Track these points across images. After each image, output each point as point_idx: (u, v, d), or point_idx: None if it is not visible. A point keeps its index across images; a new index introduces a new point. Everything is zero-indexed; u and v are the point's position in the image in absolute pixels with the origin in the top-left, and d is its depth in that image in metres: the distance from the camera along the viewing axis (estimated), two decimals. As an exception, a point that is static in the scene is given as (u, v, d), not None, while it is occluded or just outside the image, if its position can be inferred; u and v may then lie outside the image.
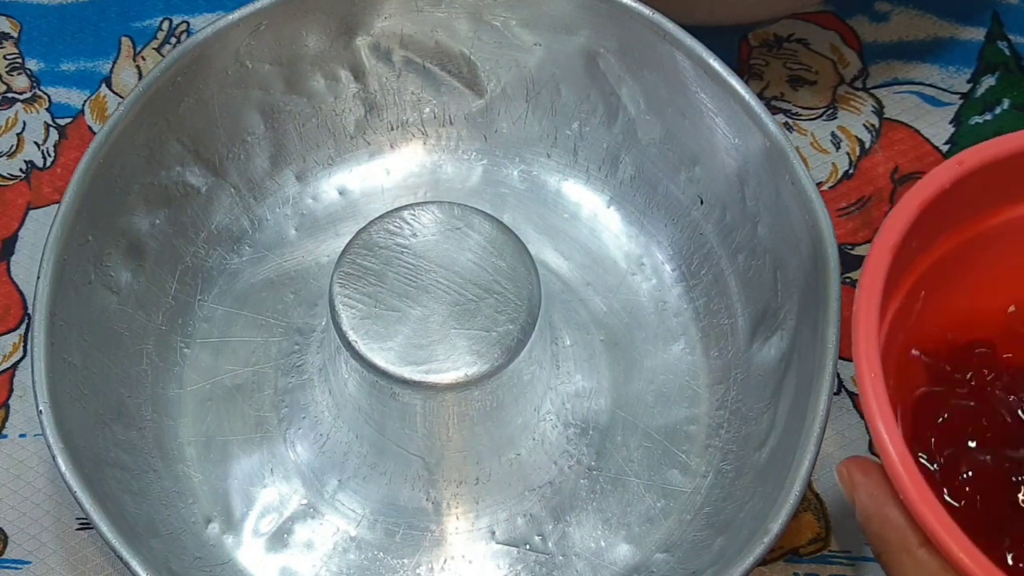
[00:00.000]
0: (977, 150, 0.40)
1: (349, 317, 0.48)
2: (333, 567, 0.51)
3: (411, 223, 0.50)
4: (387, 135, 0.60)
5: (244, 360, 0.55)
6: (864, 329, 0.38)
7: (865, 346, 0.38)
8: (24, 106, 0.63)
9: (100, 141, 0.51)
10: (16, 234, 0.60)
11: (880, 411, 0.37)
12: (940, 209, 0.39)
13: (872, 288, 0.38)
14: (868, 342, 0.38)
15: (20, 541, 0.53)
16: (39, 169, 0.61)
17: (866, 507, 0.39)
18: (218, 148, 0.56)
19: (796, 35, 0.65)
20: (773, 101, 0.63)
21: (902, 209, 0.39)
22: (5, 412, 0.56)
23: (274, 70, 0.56)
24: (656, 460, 0.53)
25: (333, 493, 0.52)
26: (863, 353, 0.38)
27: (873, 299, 0.38)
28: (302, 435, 0.53)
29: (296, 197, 0.59)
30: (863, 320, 0.38)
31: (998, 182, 0.41)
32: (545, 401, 0.52)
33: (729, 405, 0.54)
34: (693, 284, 0.57)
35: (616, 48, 0.55)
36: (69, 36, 0.65)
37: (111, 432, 0.50)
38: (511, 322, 0.48)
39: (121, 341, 0.52)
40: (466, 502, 0.52)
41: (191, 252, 0.56)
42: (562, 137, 0.59)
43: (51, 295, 0.49)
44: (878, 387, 0.37)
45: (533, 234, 0.58)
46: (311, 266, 0.57)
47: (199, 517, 0.52)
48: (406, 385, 0.47)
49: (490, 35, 0.57)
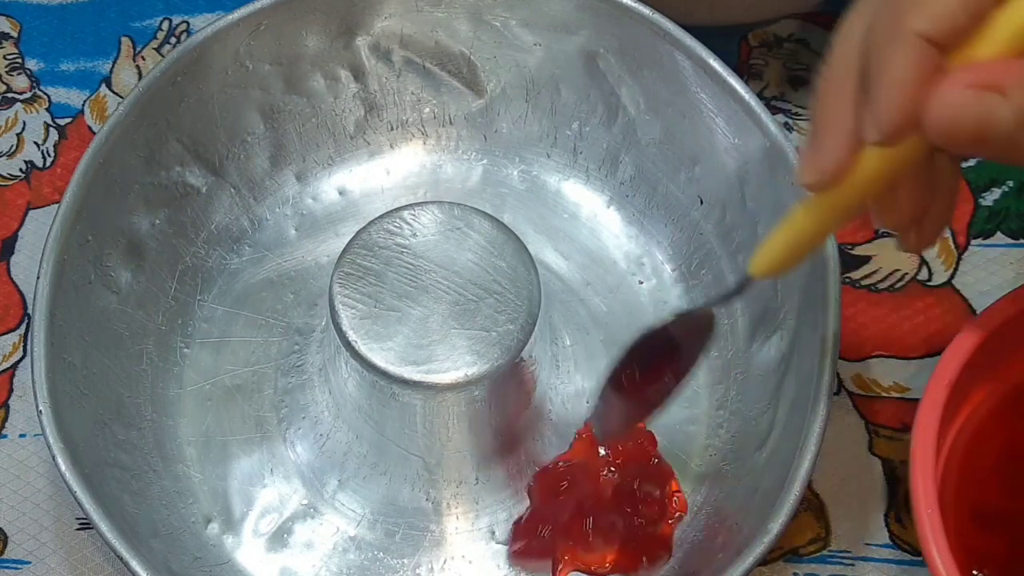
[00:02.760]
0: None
1: (349, 317, 0.48)
2: (333, 567, 0.51)
3: (411, 223, 0.50)
4: (387, 135, 0.60)
5: (244, 360, 0.55)
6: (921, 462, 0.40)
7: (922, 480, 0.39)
8: (24, 106, 0.63)
9: (100, 141, 0.51)
10: (16, 234, 0.60)
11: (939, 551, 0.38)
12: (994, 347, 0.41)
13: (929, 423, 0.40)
14: (925, 476, 0.39)
15: (20, 541, 0.53)
16: (39, 169, 0.61)
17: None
18: (218, 148, 0.56)
19: (796, 35, 0.65)
20: (773, 101, 0.63)
21: (959, 346, 0.41)
22: (5, 412, 0.56)
23: (274, 70, 0.56)
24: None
25: (333, 493, 0.52)
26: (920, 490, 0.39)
27: (930, 436, 0.40)
28: (302, 435, 0.53)
29: (296, 197, 0.59)
30: (920, 455, 0.40)
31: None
32: (545, 401, 0.52)
33: (729, 405, 0.54)
34: (693, 284, 0.57)
35: (616, 48, 0.55)
36: (69, 36, 0.65)
37: (111, 432, 0.50)
38: (511, 322, 0.48)
39: (121, 341, 0.52)
40: (466, 502, 0.52)
41: (191, 252, 0.56)
42: (562, 137, 0.59)
43: (51, 295, 0.49)
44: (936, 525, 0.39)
45: (533, 234, 0.58)
46: (311, 266, 0.57)
47: (199, 517, 0.52)
48: (406, 385, 0.47)
49: (490, 35, 0.57)
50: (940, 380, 0.41)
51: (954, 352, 0.41)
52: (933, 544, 0.38)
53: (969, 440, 0.45)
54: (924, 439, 0.40)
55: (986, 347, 0.42)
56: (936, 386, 0.41)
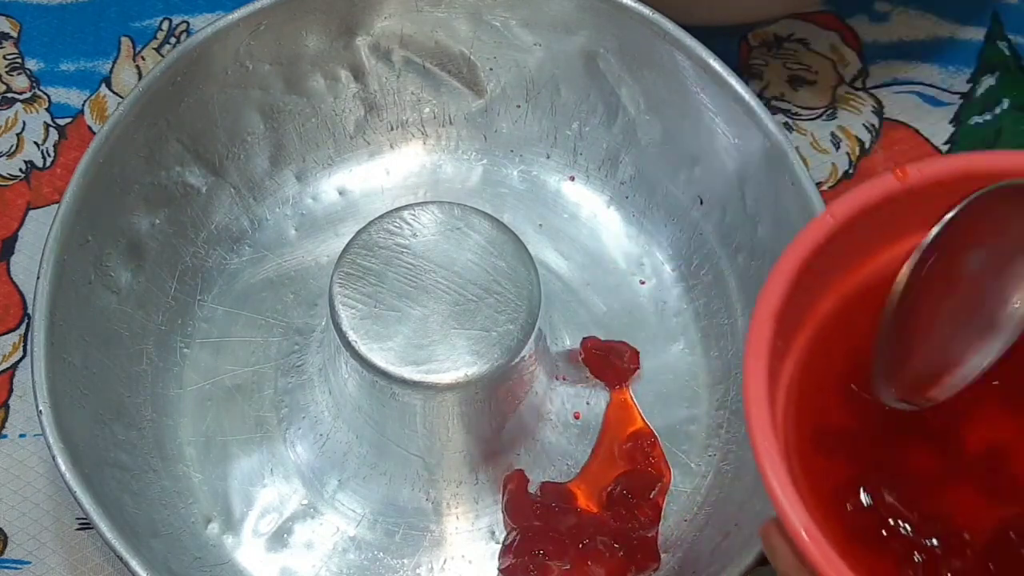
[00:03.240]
0: (844, 200, 0.40)
1: (349, 317, 0.48)
2: (333, 567, 0.51)
3: (411, 223, 0.50)
4: (387, 135, 0.60)
5: (244, 360, 0.55)
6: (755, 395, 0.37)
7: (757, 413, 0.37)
8: (24, 106, 0.63)
9: (100, 141, 0.51)
10: (16, 234, 0.60)
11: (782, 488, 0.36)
12: (820, 263, 0.39)
13: (759, 354, 0.38)
14: (760, 409, 0.37)
15: (20, 541, 0.53)
16: (39, 169, 0.61)
17: (784, 573, 0.38)
18: (218, 148, 0.56)
19: (796, 35, 0.65)
20: (773, 101, 0.63)
21: (780, 274, 0.38)
22: (5, 412, 0.56)
23: (274, 70, 0.56)
24: (656, 460, 0.53)
25: (333, 493, 0.52)
26: (757, 426, 0.37)
27: (760, 367, 0.38)
28: (302, 435, 0.53)
29: (296, 197, 0.59)
30: (753, 389, 0.37)
31: (872, 228, 0.41)
32: (545, 401, 0.52)
33: (729, 405, 0.54)
34: (693, 284, 0.57)
35: (616, 48, 0.55)
36: (69, 36, 0.65)
37: (111, 432, 0.50)
38: (511, 322, 0.48)
39: (121, 341, 0.52)
40: (466, 502, 0.52)
41: (191, 252, 0.56)
42: (562, 137, 0.59)
43: (51, 295, 0.49)
44: (774, 456, 0.37)
45: (533, 234, 0.58)
46: (311, 266, 0.57)
47: (199, 517, 0.52)
48: (406, 385, 0.47)
49: (490, 35, 0.57)
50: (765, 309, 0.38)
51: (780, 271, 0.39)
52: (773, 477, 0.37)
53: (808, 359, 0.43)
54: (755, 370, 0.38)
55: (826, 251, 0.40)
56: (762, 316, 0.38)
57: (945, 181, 0.40)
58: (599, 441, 0.53)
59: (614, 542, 0.50)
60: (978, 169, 0.40)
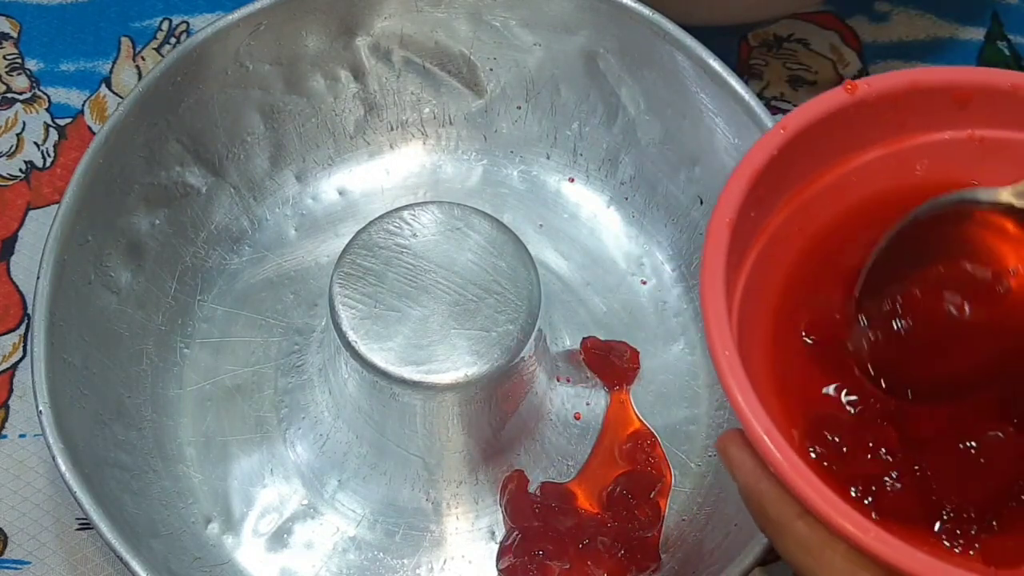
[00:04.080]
0: (798, 114, 0.40)
1: (349, 317, 0.48)
2: (333, 567, 0.51)
3: (411, 223, 0.50)
4: (387, 135, 0.60)
5: (244, 360, 0.55)
6: (712, 306, 0.37)
7: (716, 322, 0.37)
8: (24, 106, 0.63)
9: (100, 141, 0.51)
10: (16, 234, 0.60)
11: (738, 385, 0.36)
12: (773, 177, 0.39)
13: (715, 265, 0.38)
14: (719, 319, 0.37)
15: (20, 541, 0.53)
16: (39, 169, 0.61)
17: (744, 483, 0.38)
18: (218, 148, 0.56)
19: (796, 35, 0.65)
20: (773, 101, 0.63)
21: (734, 184, 0.38)
22: (5, 412, 0.56)
23: (274, 70, 0.56)
24: (656, 460, 0.53)
25: (333, 493, 0.52)
26: (715, 333, 0.37)
27: (717, 277, 0.37)
28: (302, 435, 0.53)
29: (296, 197, 0.59)
30: (710, 299, 0.37)
31: (823, 141, 0.41)
32: (545, 401, 0.52)
33: (729, 405, 0.53)
34: (693, 284, 0.57)
35: (616, 48, 0.55)
36: (69, 36, 0.65)
37: (111, 432, 0.50)
38: (511, 322, 0.48)
39: (121, 341, 0.52)
40: (466, 502, 0.52)
41: (191, 252, 0.56)
42: (562, 137, 0.59)
43: (51, 295, 0.49)
44: (734, 364, 0.36)
45: (533, 234, 0.58)
46: (311, 266, 0.57)
47: (199, 517, 0.52)
48: (406, 385, 0.47)
49: (490, 35, 0.57)
50: (720, 218, 0.38)
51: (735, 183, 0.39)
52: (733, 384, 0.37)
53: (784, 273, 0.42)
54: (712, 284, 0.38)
55: (779, 164, 0.40)
56: (717, 225, 0.38)
57: (894, 95, 0.40)
58: (599, 441, 0.53)
59: (614, 542, 0.50)
60: (926, 82, 0.40)
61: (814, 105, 0.40)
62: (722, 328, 0.37)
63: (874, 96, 0.40)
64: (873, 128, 0.41)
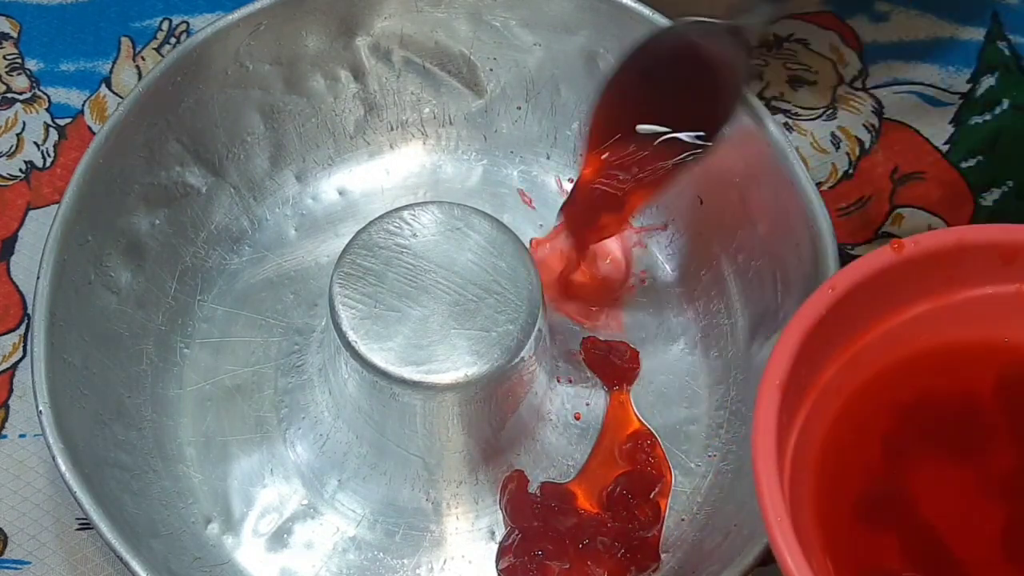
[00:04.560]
0: (846, 273, 0.41)
1: (349, 317, 0.48)
2: (333, 567, 0.51)
3: (411, 223, 0.50)
4: (387, 135, 0.60)
5: (244, 360, 0.55)
6: (764, 471, 0.38)
7: (768, 490, 0.38)
8: (24, 106, 0.63)
9: (100, 141, 0.51)
10: (16, 234, 0.60)
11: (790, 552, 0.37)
12: (822, 335, 0.40)
13: (767, 428, 0.38)
14: (771, 486, 0.38)
15: (20, 541, 0.53)
16: (39, 169, 0.61)
17: None
18: (218, 148, 0.56)
19: (796, 35, 0.65)
20: (773, 101, 0.63)
21: (784, 345, 0.39)
22: (5, 412, 0.56)
23: (274, 70, 0.56)
24: (656, 460, 0.53)
25: (333, 493, 0.52)
26: (767, 500, 0.38)
27: (769, 440, 0.38)
28: (302, 435, 0.53)
29: (296, 197, 0.59)
30: (762, 465, 0.38)
31: (871, 298, 0.41)
32: (545, 401, 0.52)
33: (729, 405, 0.54)
34: (693, 284, 0.57)
35: (616, 48, 0.55)
36: (69, 36, 0.65)
37: (111, 432, 0.50)
38: (511, 322, 0.48)
39: (121, 341, 0.52)
40: (466, 502, 0.52)
41: (191, 252, 0.56)
42: (562, 137, 0.59)
43: (51, 295, 0.49)
44: (786, 531, 0.37)
45: (533, 234, 0.58)
46: (311, 266, 0.57)
47: (199, 517, 0.52)
48: (406, 385, 0.47)
49: (490, 35, 0.57)
50: (772, 380, 0.39)
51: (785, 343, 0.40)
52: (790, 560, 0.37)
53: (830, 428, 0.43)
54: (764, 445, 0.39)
55: (828, 323, 0.40)
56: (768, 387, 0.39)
57: (940, 252, 0.41)
58: (599, 441, 0.53)
59: (614, 542, 0.50)
60: (972, 241, 0.41)
61: (862, 264, 0.41)
62: (774, 495, 0.38)
63: (920, 254, 0.41)
64: (919, 284, 0.42)
